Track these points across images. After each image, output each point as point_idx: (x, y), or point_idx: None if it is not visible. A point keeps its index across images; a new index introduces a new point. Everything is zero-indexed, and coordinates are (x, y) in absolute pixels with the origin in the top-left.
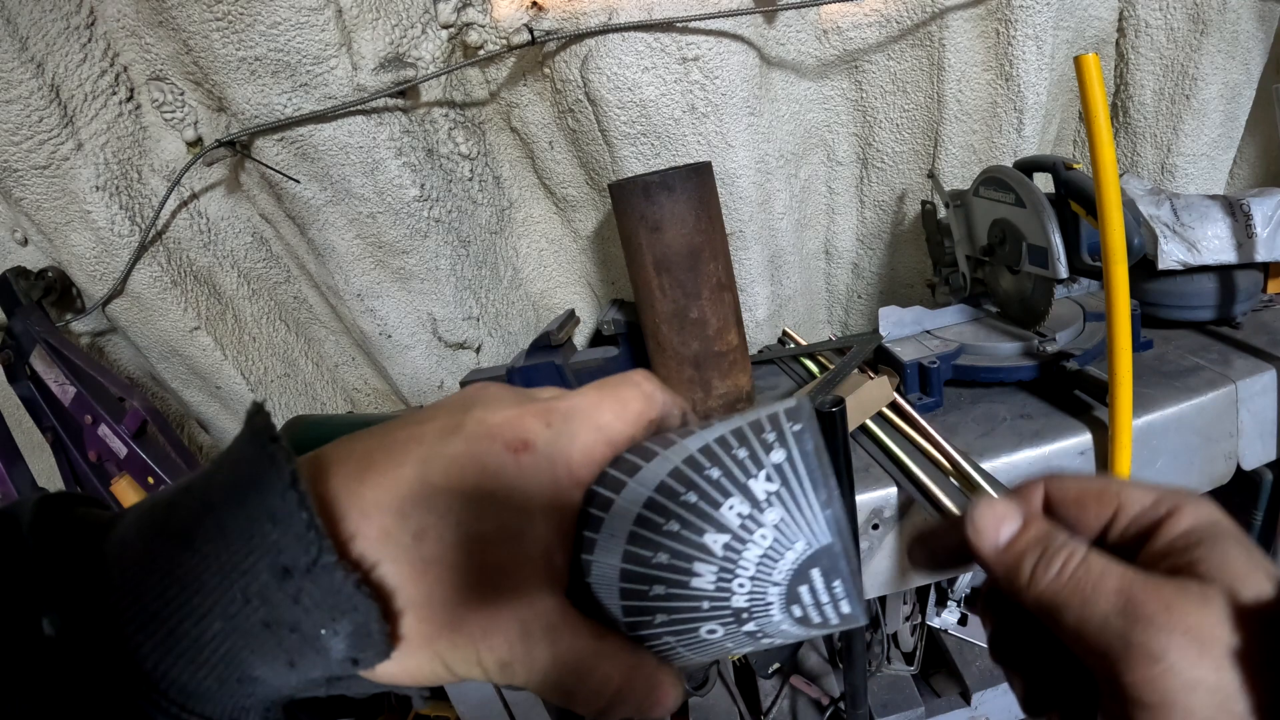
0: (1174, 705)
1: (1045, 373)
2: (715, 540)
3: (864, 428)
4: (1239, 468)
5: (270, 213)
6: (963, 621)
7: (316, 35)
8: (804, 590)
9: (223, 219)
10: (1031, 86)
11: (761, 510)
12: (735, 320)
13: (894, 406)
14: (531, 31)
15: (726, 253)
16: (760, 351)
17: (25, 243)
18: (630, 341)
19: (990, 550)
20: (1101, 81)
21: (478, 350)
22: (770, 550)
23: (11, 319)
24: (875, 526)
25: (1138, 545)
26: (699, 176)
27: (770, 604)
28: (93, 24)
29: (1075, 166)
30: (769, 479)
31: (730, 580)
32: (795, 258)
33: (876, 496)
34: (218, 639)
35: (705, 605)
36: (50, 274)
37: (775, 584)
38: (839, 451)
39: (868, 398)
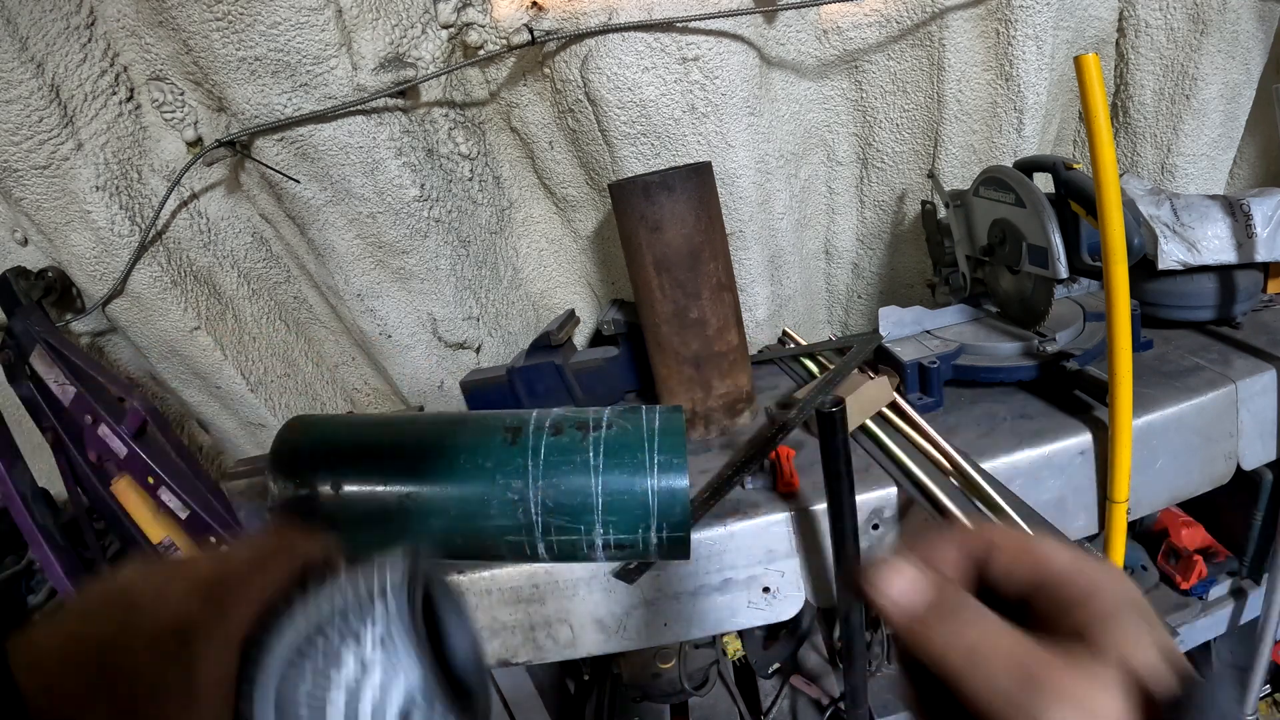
0: None
1: (1045, 373)
2: (338, 696)
3: (864, 428)
4: (1239, 468)
5: (270, 213)
6: None
7: (316, 35)
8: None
9: (223, 219)
10: (1031, 86)
11: (368, 673)
12: (735, 320)
13: (894, 406)
14: (531, 31)
15: (726, 253)
16: (760, 351)
17: (25, 243)
18: (630, 341)
19: (894, 610)
20: (1101, 81)
21: (478, 350)
22: (378, 702)
23: (11, 319)
24: (875, 527)
25: (1051, 613)
26: (699, 176)
27: None
28: (93, 24)
29: (1075, 166)
30: (373, 648)
31: None
32: (795, 258)
33: (876, 496)
34: None
35: None
36: (50, 274)
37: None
38: (839, 454)
39: (868, 398)
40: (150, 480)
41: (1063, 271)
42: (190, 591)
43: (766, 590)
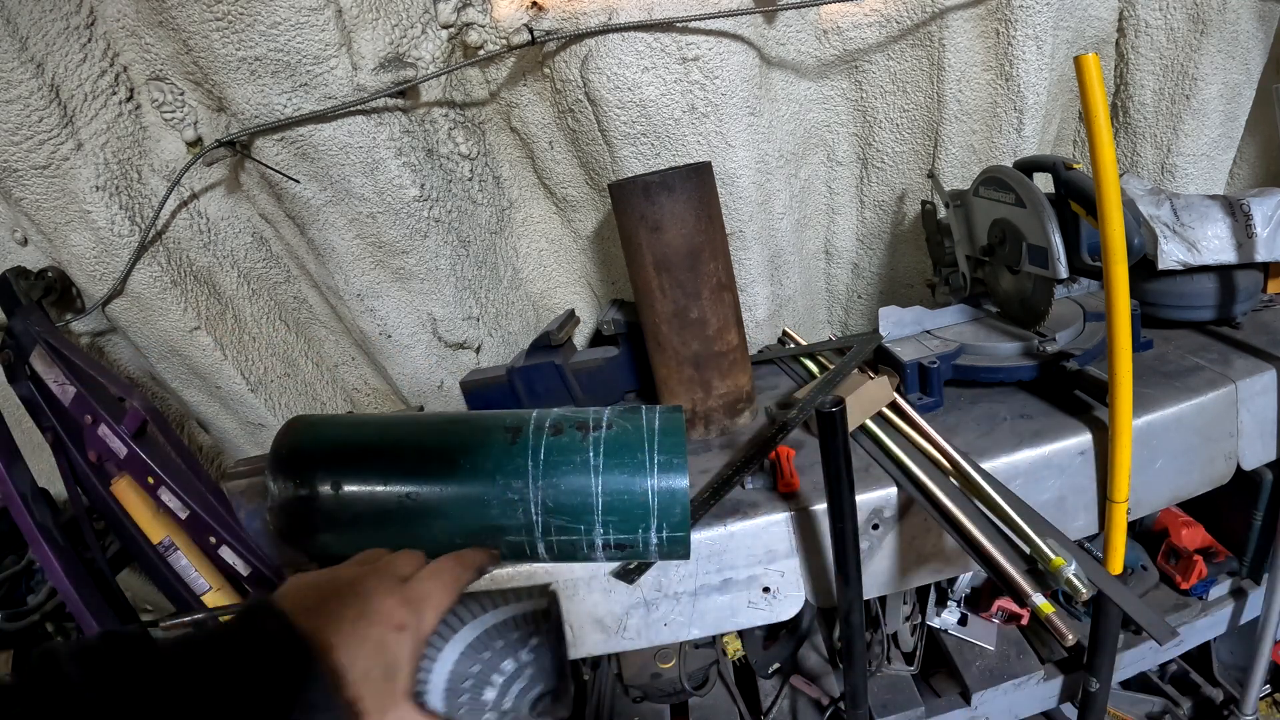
0: None
1: (1045, 373)
2: (496, 679)
3: (864, 428)
4: (1239, 468)
5: (270, 213)
6: (963, 621)
7: (316, 35)
8: (540, 706)
9: (223, 219)
10: (1031, 86)
11: (519, 676)
12: (735, 320)
13: (894, 406)
14: (531, 31)
15: (726, 253)
16: (760, 351)
17: (25, 243)
18: (630, 341)
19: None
20: (1101, 81)
21: (478, 350)
22: (519, 689)
23: (11, 319)
24: (875, 526)
25: None
26: (699, 176)
27: (519, 713)
28: (93, 24)
29: (1075, 166)
30: (524, 658)
31: (502, 701)
32: (795, 258)
33: (876, 496)
34: None
35: (487, 714)
36: (50, 274)
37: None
38: (839, 454)
39: (868, 398)
40: (150, 480)
41: (1063, 271)
42: (400, 601)
43: (766, 590)
